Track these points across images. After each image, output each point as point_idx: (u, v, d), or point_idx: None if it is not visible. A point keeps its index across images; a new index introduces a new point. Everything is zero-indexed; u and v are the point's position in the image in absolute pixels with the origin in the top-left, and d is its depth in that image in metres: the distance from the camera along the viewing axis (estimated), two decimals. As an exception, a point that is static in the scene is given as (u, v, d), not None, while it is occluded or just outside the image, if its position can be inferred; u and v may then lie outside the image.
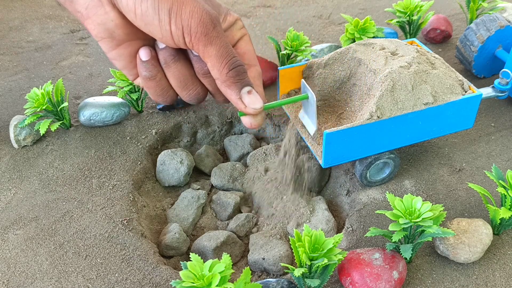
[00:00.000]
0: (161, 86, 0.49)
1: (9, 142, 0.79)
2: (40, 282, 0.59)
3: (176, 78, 0.48)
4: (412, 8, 0.91)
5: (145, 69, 0.47)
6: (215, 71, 0.46)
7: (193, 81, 0.49)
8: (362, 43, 0.69)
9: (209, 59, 0.45)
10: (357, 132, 0.60)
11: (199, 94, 0.50)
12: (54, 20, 1.15)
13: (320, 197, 0.72)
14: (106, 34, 0.45)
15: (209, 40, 0.44)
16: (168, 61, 0.47)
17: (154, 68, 0.47)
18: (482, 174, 0.71)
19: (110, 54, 0.48)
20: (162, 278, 0.59)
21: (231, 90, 0.47)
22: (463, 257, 0.57)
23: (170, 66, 0.47)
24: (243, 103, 0.48)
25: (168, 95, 0.50)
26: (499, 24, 0.83)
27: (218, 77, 0.47)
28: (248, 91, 0.48)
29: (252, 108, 0.49)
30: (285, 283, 0.56)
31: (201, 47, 0.44)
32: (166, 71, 0.48)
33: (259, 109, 0.49)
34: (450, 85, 0.64)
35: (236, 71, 0.46)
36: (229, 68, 0.46)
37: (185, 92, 0.49)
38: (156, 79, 0.48)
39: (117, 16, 0.44)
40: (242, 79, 0.47)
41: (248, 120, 0.51)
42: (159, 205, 0.74)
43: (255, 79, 0.52)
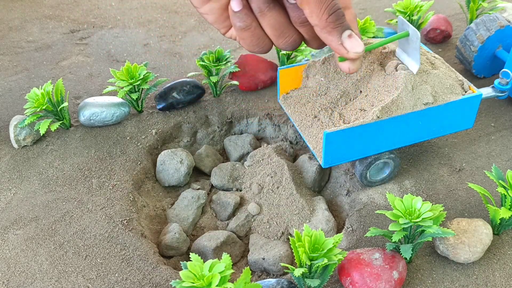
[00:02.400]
0: (257, 35, 0.48)
1: (9, 142, 0.79)
2: (40, 282, 0.59)
3: (271, 26, 0.47)
4: (412, 8, 0.91)
5: (238, 20, 0.46)
6: (313, 17, 0.45)
7: (289, 28, 0.48)
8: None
9: (307, 5, 0.44)
10: (357, 132, 0.60)
11: (295, 42, 0.49)
12: (54, 20, 1.15)
13: (320, 197, 0.72)
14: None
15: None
16: (263, 9, 0.45)
17: (248, 17, 0.46)
18: (482, 174, 0.71)
19: (201, 9, 0.47)
20: (162, 278, 0.59)
21: (332, 36, 0.46)
22: (463, 257, 0.57)
23: (265, 14, 0.46)
24: (345, 48, 0.47)
25: (264, 44, 0.49)
26: (499, 24, 0.83)
27: (317, 23, 0.45)
28: (348, 35, 0.47)
29: (354, 52, 0.47)
30: (285, 283, 0.56)
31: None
32: (260, 19, 0.46)
33: (361, 52, 0.48)
34: (450, 85, 0.64)
35: (335, 15, 0.45)
36: (328, 13, 0.44)
37: (281, 40, 0.48)
38: (251, 29, 0.47)
39: None
40: (342, 23, 0.46)
41: (346, 66, 0.50)
42: (159, 205, 0.74)
43: (352, 22, 0.50)
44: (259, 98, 0.87)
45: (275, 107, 0.84)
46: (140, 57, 1.01)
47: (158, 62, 0.99)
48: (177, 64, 0.98)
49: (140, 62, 0.98)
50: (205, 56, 0.82)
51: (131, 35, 1.09)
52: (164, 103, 0.83)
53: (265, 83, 0.88)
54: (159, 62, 0.99)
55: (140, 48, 1.04)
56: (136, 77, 0.78)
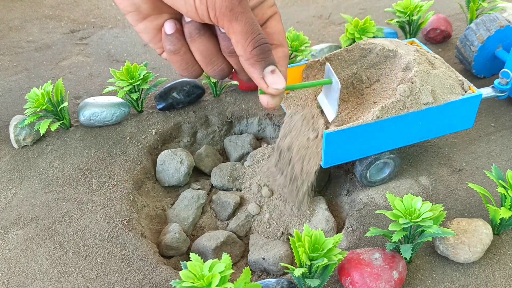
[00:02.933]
0: (186, 60, 0.48)
1: (9, 142, 0.79)
2: (40, 282, 0.59)
3: (200, 52, 0.47)
4: (412, 8, 0.91)
5: (169, 43, 0.47)
6: (239, 47, 0.45)
7: (218, 57, 0.48)
8: (362, 44, 0.69)
9: (233, 35, 0.44)
10: (357, 132, 0.60)
11: (224, 71, 0.50)
12: (54, 20, 1.15)
13: (320, 197, 0.72)
14: (133, 8, 0.45)
15: (234, 16, 0.43)
16: (193, 35, 0.46)
17: (178, 41, 0.47)
18: (482, 174, 0.71)
19: (136, 27, 0.47)
20: (162, 278, 0.59)
21: (254, 68, 0.47)
22: (463, 257, 0.57)
23: (195, 40, 0.47)
24: (265, 82, 0.48)
25: (193, 69, 0.49)
26: (499, 24, 0.83)
27: (242, 54, 0.46)
28: (271, 70, 0.47)
29: (273, 89, 0.48)
30: (285, 283, 0.56)
31: (226, 23, 0.43)
32: (190, 45, 0.47)
33: (281, 89, 0.48)
34: (450, 85, 0.64)
35: (260, 49, 0.45)
36: (253, 46, 0.45)
37: (209, 67, 0.49)
38: (180, 53, 0.48)
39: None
40: (266, 58, 0.46)
41: (265, 99, 0.51)
42: (159, 205, 0.74)
43: (281, 59, 0.51)
44: (259, 98, 0.86)
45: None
46: (140, 57, 1.01)
47: (158, 62, 0.99)
48: (177, 64, 0.98)
49: (140, 62, 0.98)
50: (205, 56, 0.82)
51: (131, 35, 1.09)
52: (164, 103, 0.83)
53: (265, 83, 0.87)
54: (159, 62, 0.99)
55: (140, 48, 1.04)
56: (136, 77, 0.78)
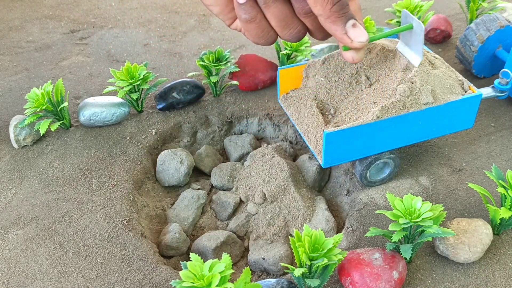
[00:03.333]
0: (262, 27, 0.48)
1: (9, 142, 0.79)
2: (40, 282, 0.59)
3: (276, 18, 0.47)
4: (412, 8, 0.91)
5: (244, 12, 0.46)
6: (318, 7, 0.45)
7: (293, 19, 0.48)
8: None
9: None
10: (357, 132, 0.60)
11: (300, 32, 0.49)
12: (54, 20, 1.15)
13: (320, 197, 0.72)
14: None
15: None
16: (267, 1, 0.46)
17: (253, 9, 0.46)
18: (482, 174, 0.71)
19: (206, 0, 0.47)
20: (162, 278, 0.59)
21: (336, 26, 0.46)
22: (463, 257, 0.57)
23: (270, 6, 0.46)
24: (349, 37, 0.47)
25: (269, 35, 0.49)
26: (499, 24, 0.83)
27: (321, 13, 0.45)
28: (352, 24, 0.47)
29: (358, 42, 0.47)
30: (285, 283, 0.56)
31: None
32: (265, 11, 0.47)
33: (365, 41, 0.47)
34: (450, 85, 0.64)
35: (339, 5, 0.45)
36: (332, 3, 0.45)
37: (286, 31, 0.48)
38: (256, 21, 0.47)
39: None
40: (346, 12, 0.46)
41: (350, 55, 0.50)
42: (159, 205, 0.74)
43: (356, 12, 0.50)
44: (259, 98, 0.87)
45: (275, 107, 0.84)
46: (140, 57, 1.01)
47: (158, 62, 0.99)
48: (177, 64, 0.98)
49: (140, 62, 0.98)
50: (205, 56, 0.82)
51: (131, 35, 1.09)
52: (164, 103, 0.83)
53: (265, 83, 0.88)
54: (159, 62, 0.99)
55: (140, 48, 1.04)
56: (136, 77, 0.78)
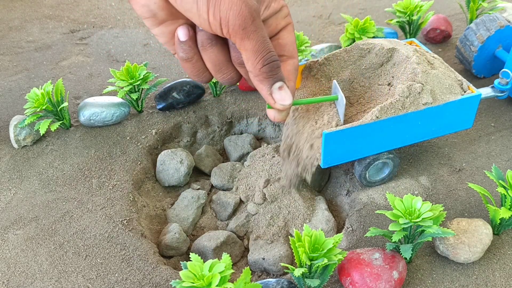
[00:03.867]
0: (197, 67, 0.50)
1: (9, 142, 0.79)
2: (40, 282, 0.59)
3: (211, 61, 0.49)
4: (412, 8, 0.91)
5: (182, 50, 0.48)
6: (249, 64, 0.46)
7: (228, 66, 0.50)
8: (362, 44, 0.69)
9: (244, 52, 0.45)
10: (356, 132, 0.60)
11: (233, 79, 0.51)
12: (54, 20, 1.15)
13: (320, 197, 0.72)
14: (149, 14, 0.46)
15: (246, 34, 0.44)
16: (205, 44, 0.47)
17: (190, 50, 0.48)
18: (482, 174, 0.71)
19: (153, 30, 0.49)
20: (162, 278, 0.59)
21: (262, 85, 0.48)
22: (463, 257, 0.57)
23: (207, 50, 0.48)
24: (273, 98, 0.49)
25: (204, 75, 0.51)
26: (499, 24, 0.83)
27: (251, 71, 0.47)
28: (279, 86, 0.48)
29: (280, 105, 0.49)
30: (285, 283, 0.56)
31: (238, 40, 0.44)
32: (202, 53, 0.48)
33: (288, 105, 0.49)
34: (449, 85, 0.64)
35: (269, 66, 0.46)
36: (263, 64, 0.46)
37: (219, 75, 0.50)
38: (192, 61, 0.49)
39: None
40: (275, 74, 0.47)
41: (273, 114, 0.52)
42: (159, 205, 0.74)
43: (290, 73, 0.52)
44: (259, 98, 0.87)
45: (275, 107, 0.84)
46: (140, 57, 1.01)
47: (158, 62, 0.99)
48: (177, 64, 0.98)
49: (140, 62, 0.98)
50: (205, 56, 0.82)
51: (131, 35, 1.09)
52: (164, 103, 0.83)
53: (265, 83, 0.87)
54: (159, 62, 0.99)
55: (140, 48, 1.04)
56: (136, 77, 0.78)
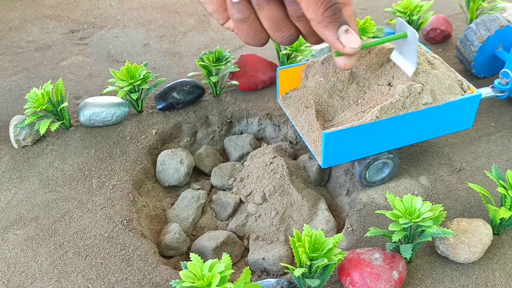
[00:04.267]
0: (254, 28, 0.47)
1: (9, 142, 0.79)
2: (40, 282, 0.59)
3: (269, 20, 0.46)
4: (412, 8, 0.91)
5: (237, 11, 0.46)
6: (310, 11, 0.44)
7: (286, 22, 0.47)
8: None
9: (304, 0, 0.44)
10: (356, 132, 0.60)
11: (292, 36, 0.49)
12: (54, 20, 1.15)
13: (320, 197, 0.72)
14: None
15: None
16: (261, 2, 0.45)
17: (246, 9, 0.46)
18: (482, 174, 0.71)
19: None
20: (162, 278, 0.59)
21: (328, 31, 0.46)
22: (463, 257, 0.57)
23: (263, 7, 0.46)
24: (341, 43, 0.46)
25: (261, 36, 0.48)
26: (499, 24, 0.83)
27: (313, 18, 0.45)
28: (345, 30, 0.46)
29: (350, 48, 0.47)
30: (285, 283, 0.56)
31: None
32: (258, 12, 0.46)
33: (358, 48, 0.47)
34: (449, 85, 0.64)
35: (332, 10, 0.45)
36: (325, 8, 0.44)
37: (278, 34, 0.48)
38: (248, 21, 0.46)
39: None
40: (339, 18, 0.45)
41: (342, 61, 0.49)
42: (159, 205, 0.74)
43: (350, 18, 0.50)
44: (259, 98, 0.87)
45: (275, 107, 0.84)
46: (140, 57, 1.01)
47: (158, 62, 0.99)
48: (177, 64, 0.98)
49: (140, 62, 0.98)
50: (205, 56, 0.82)
51: (131, 35, 1.09)
52: (164, 103, 0.83)
53: (265, 83, 0.88)
54: (159, 62, 0.99)
55: (140, 48, 1.04)
56: (136, 77, 0.78)
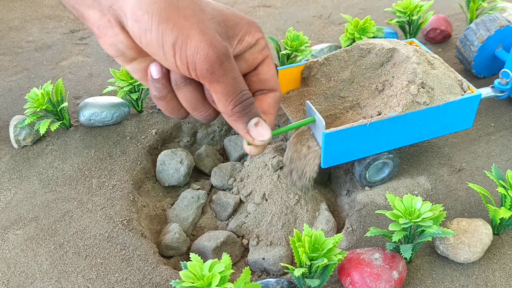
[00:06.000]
0: (172, 105, 0.48)
1: (9, 142, 0.79)
2: (40, 282, 0.59)
3: (186, 100, 0.47)
4: (412, 8, 0.91)
5: (155, 89, 0.46)
6: (220, 106, 0.45)
7: (204, 103, 0.48)
8: (362, 44, 0.69)
9: (215, 94, 0.44)
10: (356, 132, 0.60)
11: (210, 116, 0.49)
12: (54, 20, 1.15)
13: (320, 197, 0.72)
14: (118, 54, 0.45)
15: (215, 78, 0.42)
16: (179, 83, 0.46)
17: (164, 88, 0.46)
18: (482, 174, 0.71)
19: (125, 67, 0.47)
20: (162, 278, 0.59)
21: (237, 124, 0.46)
22: (463, 257, 0.57)
23: (181, 89, 0.46)
24: (250, 136, 0.47)
25: (179, 113, 0.49)
26: (499, 24, 0.83)
27: (223, 112, 0.46)
28: (255, 123, 0.46)
29: (259, 141, 0.47)
30: (285, 283, 0.56)
31: (207, 83, 0.43)
32: (176, 92, 0.47)
33: (267, 140, 0.47)
34: (449, 85, 0.64)
35: (241, 106, 0.45)
36: (234, 104, 0.44)
37: (196, 113, 0.48)
38: (166, 99, 0.47)
39: (127, 38, 0.43)
40: (248, 112, 0.46)
41: (248, 148, 0.50)
42: (159, 205, 0.74)
43: (271, 106, 0.50)
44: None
45: (275, 107, 0.84)
46: (140, 57, 1.01)
47: (158, 62, 0.99)
48: (177, 64, 0.98)
49: (140, 62, 0.98)
50: (205, 56, 0.82)
51: (131, 35, 1.09)
52: (164, 103, 0.83)
53: (265, 83, 0.87)
54: (159, 62, 0.99)
55: (140, 48, 1.04)
56: (136, 77, 0.78)
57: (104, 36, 0.43)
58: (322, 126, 0.58)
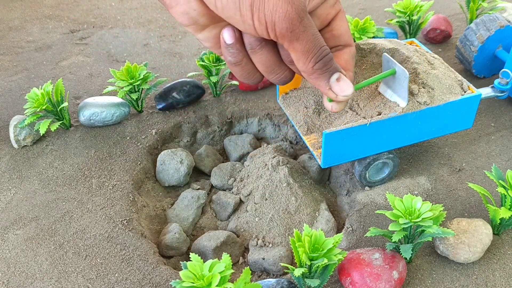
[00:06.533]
0: (247, 70, 0.47)
1: (9, 142, 0.79)
2: (40, 282, 0.59)
3: (262, 63, 0.46)
4: (412, 8, 0.91)
5: (229, 54, 0.45)
6: (300, 64, 0.44)
7: (280, 65, 0.47)
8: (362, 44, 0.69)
9: (294, 53, 0.43)
10: (356, 132, 0.60)
11: (287, 77, 0.49)
12: (54, 20, 1.15)
13: (320, 197, 0.72)
14: (190, 22, 0.44)
15: (295, 36, 0.41)
16: (254, 47, 0.45)
17: (239, 52, 0.45)
18: (482, 174, 0.71)
19: (197, 36, 0.46)
20: (162, 278, 0.59)
21: (319, 81, 0.46)
22: (463, 257, 0.57)
23: (256, 52, 0.45)
24: (333, 92, 0.46)
25: (254, 77, 0.48)
26: (499, 24, 0.83)
27: (304, 70, 0.45)
28: (337, 78, 0.46)
29: (342, 96, 0.46)
30: (285, 283, 0.56)
31: (287, 42, 0.42)
32: (252, 56, 0.46)
33: (350, 94, 0.47)
34: (449, 85, 0.64)
35: (322, 62, 0.44)
36: (315, 61, 0.44)
37: (272, 75, 0.48)
38: (241, 64, 0.46)
39: (199, 4, 0.42)
40: (330, 68, 0.45)
41: (330, 105, 0.49)
42: (159, 205, 0.74)
43: (347, 61, 0.49)
44: (259, 98, 0.87)
45: (275, 107, 0.84)
46: (140, 57, 1.01)
47: (158, 62, 0.99)
48: (177, 64, 0.98)
49: (140, 62, 0.98)
50: (205, 56, 0.82)
51: (131, 35, 1.09)
52: (164, 103, 0.83)
53: (265, 83, 0.88)
54: (159, 62, 0.99)
55: (140, 48, 1.04)
56: (136, 77, 0.78)
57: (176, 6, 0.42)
58: (405, 78, 0.56)
